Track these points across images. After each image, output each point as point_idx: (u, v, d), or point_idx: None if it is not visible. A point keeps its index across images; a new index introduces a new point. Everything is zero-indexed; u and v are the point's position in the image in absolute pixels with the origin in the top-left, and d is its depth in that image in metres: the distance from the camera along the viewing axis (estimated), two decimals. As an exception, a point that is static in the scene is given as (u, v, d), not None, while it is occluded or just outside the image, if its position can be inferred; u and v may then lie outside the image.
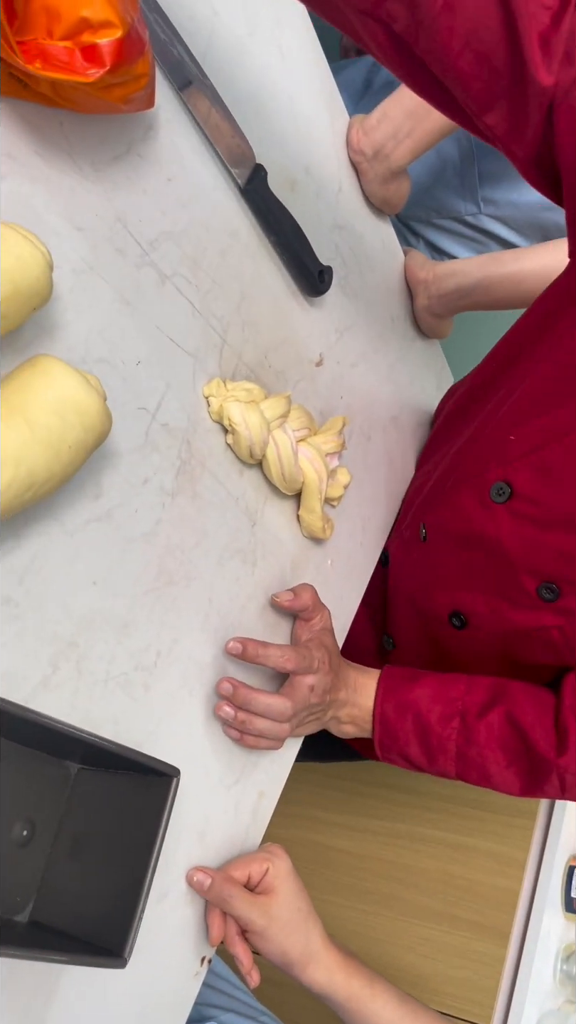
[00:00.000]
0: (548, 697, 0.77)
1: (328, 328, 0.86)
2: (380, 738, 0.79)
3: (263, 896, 0.68)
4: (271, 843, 0.75)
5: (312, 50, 0.81)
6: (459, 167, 1.08)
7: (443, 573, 0.85)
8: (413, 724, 0.78)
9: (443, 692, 0.78)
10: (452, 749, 0.77)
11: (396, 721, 0.78)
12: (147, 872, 0.54)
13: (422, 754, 0.78)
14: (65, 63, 0.49)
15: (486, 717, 0.76)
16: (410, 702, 0.78)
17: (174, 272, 0.66)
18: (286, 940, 0.67)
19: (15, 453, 0.48)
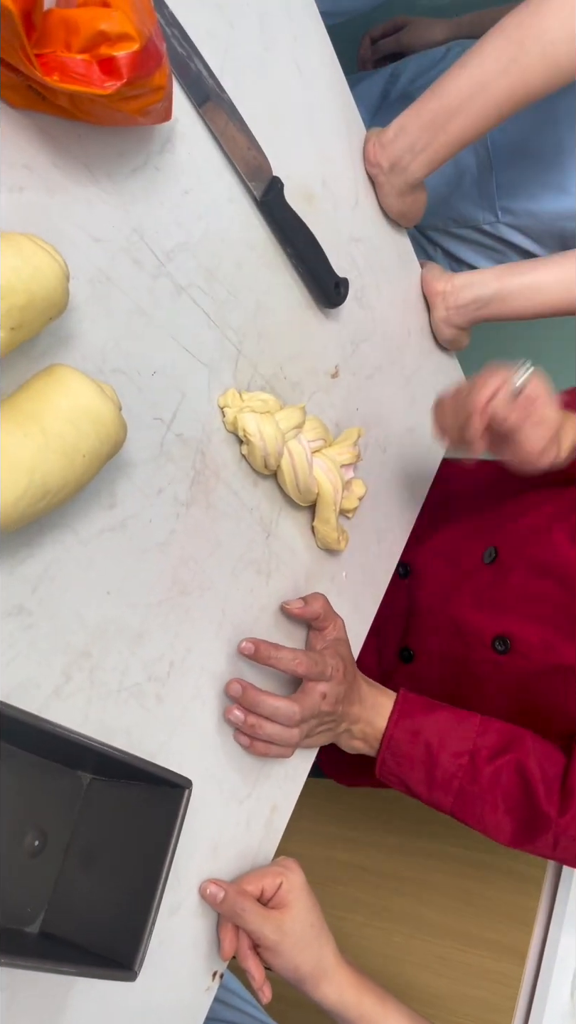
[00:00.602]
0: (559, 756, 0.78)
1: (344, 340, 0.86)
2: (384, 758, 0.78)
3: (276, 911, 0.68)
4: (284, 857, 0.74)
5: (329, 65, 0.81)
6: (477, 177, 1.08)
7: (501, 596, 0.85)
8: (423, 753, 0.77)
9: (457, 727, 0.78)
10: (455, 785, 0.76)
11: (406, 746, 0.77)
12: (158, 884, 0.54)
13: (422, 782, 0.78)
14: (83, 75, 0.50)
15: (496, 761, 0.76)
16: (423, 730, 0.77)
17: (190, 283, 0.66)
18: (299, 956, 0.67)
19: (29, 461, 0.48)
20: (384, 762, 0.78)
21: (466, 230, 1.15)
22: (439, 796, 0.77)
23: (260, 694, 0.69)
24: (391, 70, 1.18)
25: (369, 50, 1.30)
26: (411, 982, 1.38)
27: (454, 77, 0.78)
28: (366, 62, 1.31)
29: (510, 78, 0.76)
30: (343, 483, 0.78)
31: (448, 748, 0.76)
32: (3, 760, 0.54)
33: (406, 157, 0.83)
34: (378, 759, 0.79)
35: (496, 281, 0.92)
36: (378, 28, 1.29)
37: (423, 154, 0.82)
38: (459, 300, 0.96)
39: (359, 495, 0.83)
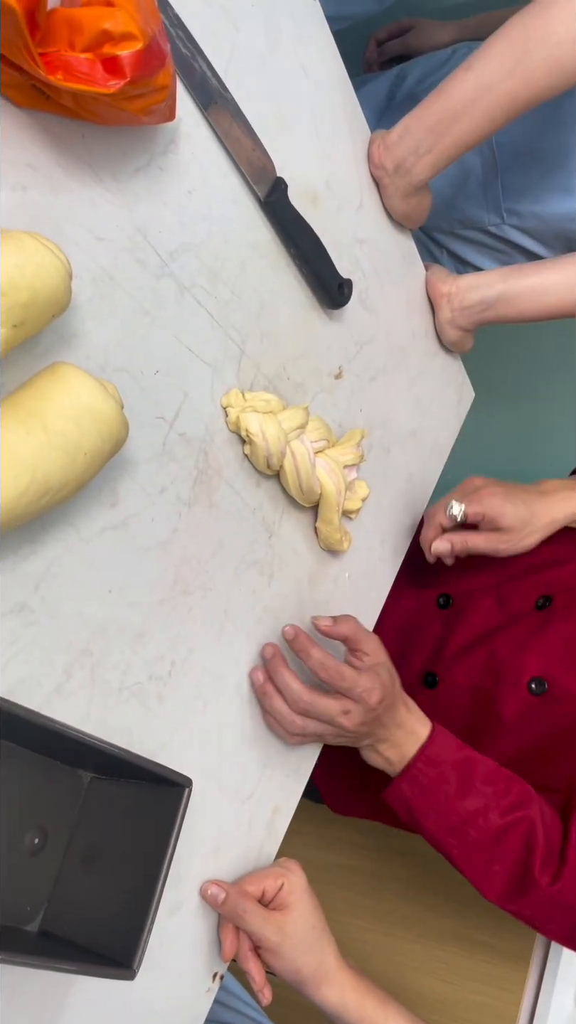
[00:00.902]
0: (558, 823, 0.78)
1: (348, 341, 0.86)
2: (400, 785, 0.76)
3: (278, 912, 0.67)
4: (286, 858, 0.74)
5: (334, 66, 0.81)
6: (482, 179, 1.08)
7: (548, 641, 0.85)
8: (442, 793, 0.75)
9: (482, 777, 0.77)
10: (466, 834, 0.75)
11: (427, 781, 0.75)
12: (158, 883, 0.54)
13: (433, 820, 0.76)
14: (86, 74, 0.50)
15: (507, 817, 0.75)
16: (449, 772, 0.76)
17: (193, 283, 0.66)
18: (300, 958, 0.67)
19: (31, 458, 0.48)
20: (399, 788, 0.76)
21: (471, 232, 1.15)
22: (444, 838, 0.76)
23: (284, 667, 0.71)
24: (397, 72, 1.18)
25: (375, 52, 1.31)
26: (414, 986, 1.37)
27: (459, 79, 0.78)
28: (372, 64, 1.31)
29: (515, 80, 0.76)
30: (346, 484, 0.78)
31: (469, 796, 0.75)
32: (4, 758, 0.54)
33: (410, 159, 0.83)
34: (394, 782, 0.77)
35: (501, 283, 0.92)
36: (384, 30, 1.29)
37: (428, 156, 0.82)
38: (464, 302, 0.96)
39: (362, 496, 0.83)
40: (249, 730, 0.74)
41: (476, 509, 0.82)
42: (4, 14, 0.45)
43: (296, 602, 0.79)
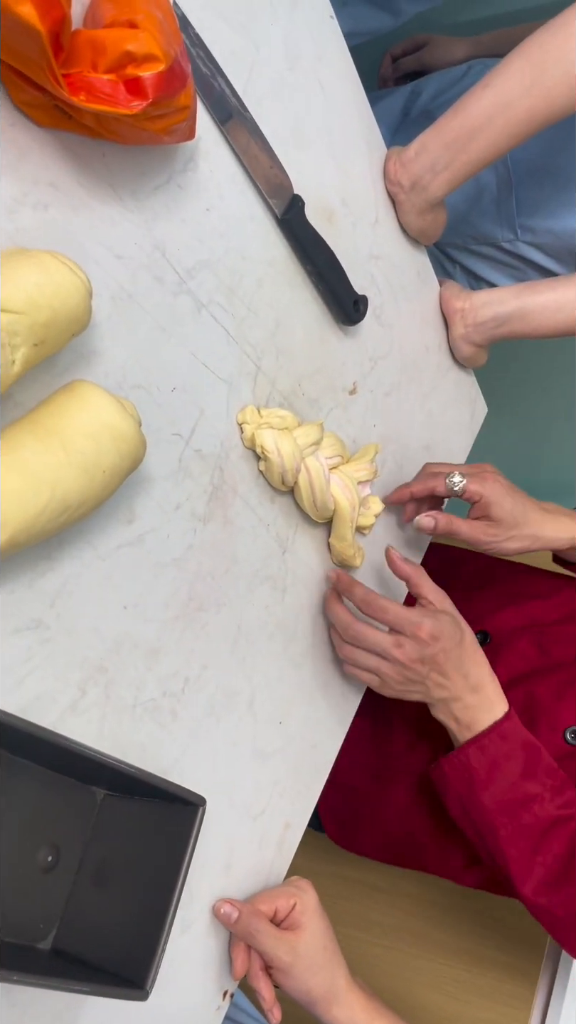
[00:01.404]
0: None
1: (362, 357, 0.86)
2: (468, 748, 0.75)
3: (290, 932, 0.67)
4: (298, 877, 0.74)
5: (351, 84, 0.82)
6: (496, 195, 1.08)
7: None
8: (508, 768, 0.75)
9: (543, 765, 0.76)
10: (516, 810, 0.74)
11: (497, 754, 0.75)
12: (171, 903, 0.54)
13: (486, 788, 0.75)
14: (109, 95, 0.50)
15: (561, 811, 0.75)
16: (518, 751, 0.75)
17: (210, 300, 0.66)
18: (311, 978, 0.66)
19: (50, 476, 0.48)
20: (466, 753, 0.75)
21: (485, 248, 1.15)
22: (496, 815, 0.74)
23: (333, 598, 0.76)
24: (412, 88, 1.18)
25: (390, 68, 1.31)
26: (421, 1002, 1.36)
27: (476, 97, 0.78)
28: (387, 80, 1.32)
29: (532, 98, 0.77)
30: (360, 500, 0.77)
31: (530, 780, 0.75)
32: (19, 775, 0.54)
33: (427, 176, 0.83)
34: (462, 747, 0.76)
35: (515, 299, 0.92)
36: (399, 46, 1.30)
37: (444, 173, 0.82)
38: (478, 318, 0.96)
39: (376, 512, 0.83)
40: (260, 746, 0.74)
41: (477, 488, 0.81)
42: (29, 36, 0.45)
43: (309, 618, 0.79)
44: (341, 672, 0.84)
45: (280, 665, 0.76)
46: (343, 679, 0.84)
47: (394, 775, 0.94)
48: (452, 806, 0.78)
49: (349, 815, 0.99)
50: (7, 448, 0.48)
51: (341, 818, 0.99)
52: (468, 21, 1.39)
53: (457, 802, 0.77)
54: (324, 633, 0.81)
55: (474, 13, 1.37)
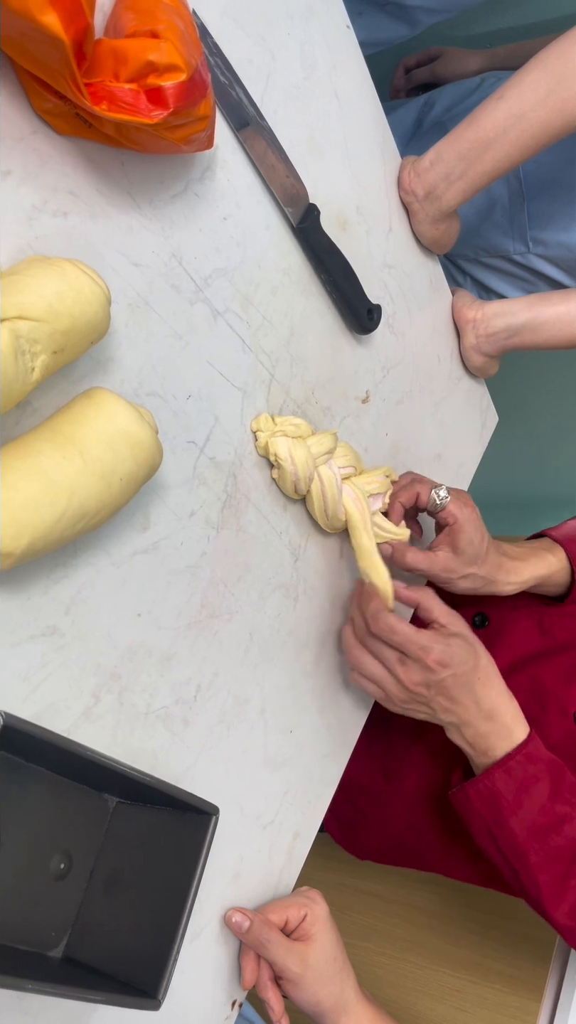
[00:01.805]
0: None
1: (375, 365, 0.86)
2: (494, 772, 0.73)
3: (300, 943, 0.67)
4: (308, 887, 0.73)
5: (367, 93, 0.82)
6: (508, 207, 1.08)
7: None
8: (535, 792, 0.72)
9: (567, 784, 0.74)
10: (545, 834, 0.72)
11: (524, 777, 0.72)
12: (184, 912, 0.53)
13: (515, 813, 0.72)
14: (130, 105, 0.50)
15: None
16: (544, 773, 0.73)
17: (226, 308, 0.67)
18: (321, 990, 0.66)
19: (68, 484, 0.48)
20: (491, 778, 0.72)
21: (496, 260, 1.15)
22: (526, 840, 0.72)
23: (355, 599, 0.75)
24: (425, 99, 1.19)
25: (403, 79, 1.31)
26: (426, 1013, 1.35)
27: (492, 108, 0.79)
28: (399, 91, 1.32)
29: (547, 110, 0.77)
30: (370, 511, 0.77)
31: (558, 801, 0.73)
32: (32, 782, 0.54)
33: (441, 185, 0.83)
34: (487, 772, 0.73)
35: (527, 311, 0.92)
36: (412, 57, 1.30)
37: (458, 183, 0.82)
38: (489, 328, 0.96)
39: (393, 534, 0.81)
40: (271, 755, 0.73)
41: (456, 511, 0.78)
42: (53, 45, 0.45)
43: (320, 627, 0.79)
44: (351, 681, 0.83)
45: (291, 673, 0.75)
46: (354, 689, 0.84)
47: (400, 771, 0.94)
48: (478, 832, 0.75)
49: (353, 815, 0.98)
50: (25, 455, 0.48)
51: (345, 818, 0.99)
52: (481, 33, 1.39)
53: (483, 829, 0.74)
54: (335, 643, 0.81)
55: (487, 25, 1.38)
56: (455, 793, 0.76)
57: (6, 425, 0.51)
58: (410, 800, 0.93)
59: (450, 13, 1.17)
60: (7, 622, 0.51)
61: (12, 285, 0.47)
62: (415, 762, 0.93)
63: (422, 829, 0.92)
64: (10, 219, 0.50)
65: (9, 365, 0.45)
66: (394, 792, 0.95)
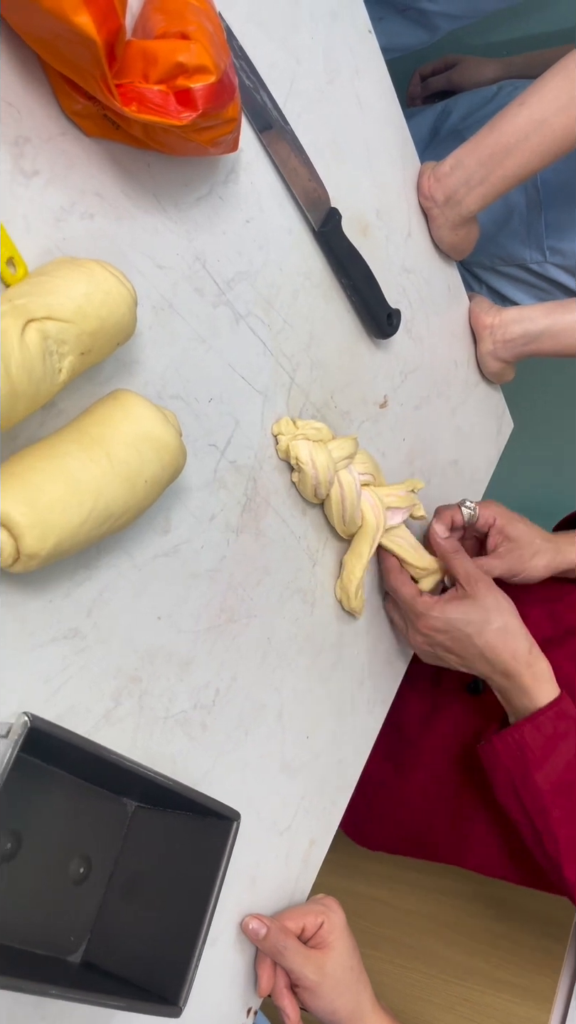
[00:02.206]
0: None
1: (394, 370, 0.86)
2: (523, 725, 0.73)
3: (317, 951, 0.66)
4: (325, 895, 0.73)
5: (388, 98, 0.82)
6: (526, 216, 1.08)
7: None
8: (564, 749, 0.73)
9: None
10: (570, 791, 0.72)
11: (554, 732, 0.73)
12: (204, 918, 0.53)
13: (541, 767, 0.72)
14: (159, 106, 0.50)
15: None
16: (573, 731, 0.74)
17: (248, 312, 0.66)
18: (337, 998, 0.65)
19: (94, 486, 0.48)
20: (520, 731, 0.73)
21: (513, 268, 1.15)
22: (550, 795, 0.72)
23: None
24: (442, 107, 1.19)
25: (419, 87, 1.31)
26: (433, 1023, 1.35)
27: (513, 114, 0.79)
28: (415, 98, 1.32)
29: (569, 116, 0.77)
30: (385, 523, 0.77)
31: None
32: (53, 784, 0.53)
33: (461, 191, 0.83)
34: (516, 725, 0.74)
35: (545, 318, 0.92)
36: (428, 65, 1.30)
37: (478, 189, 0.82)
38: (507, 335, 0.95)
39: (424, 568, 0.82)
40: (288, 760, 0.73)
41: (488, 512, 0.83)
42: (85, 46, 0.45)
43: (337, 632, 0.79)
44: (367, 687, 0.83)
45: (308, 678, 0.75)
46: (369, 693, 0.84)
47: (410, 759, 0.94)
48: (501, 784, 0.76)
49: (363, 805, 0.98)
50: (52, 456, 0.48)
51: (355, 809, 0.98)
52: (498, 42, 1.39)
53: (507, 781, 0.75)
54: (352, 647, 0.81)
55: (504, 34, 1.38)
56: (483, 746, 0.77)
57: (32, 426, 0.50)
58: (422, 788, 0.93)
59: (470, 19, 1.17)
60: (30, 624, 0.51)
61: (41, 286, 0.47)
62: (427, 750, 0.93)
63: (432, 818, 0.92)
64: (38, 220, 0.50)
65: (37, 366, 0.45)
66: (405, 780, 0.94)
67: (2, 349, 0.43)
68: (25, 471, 0.47)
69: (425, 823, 0.93)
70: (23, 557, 0.46)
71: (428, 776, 0.92)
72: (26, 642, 0.51)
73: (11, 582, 0.50)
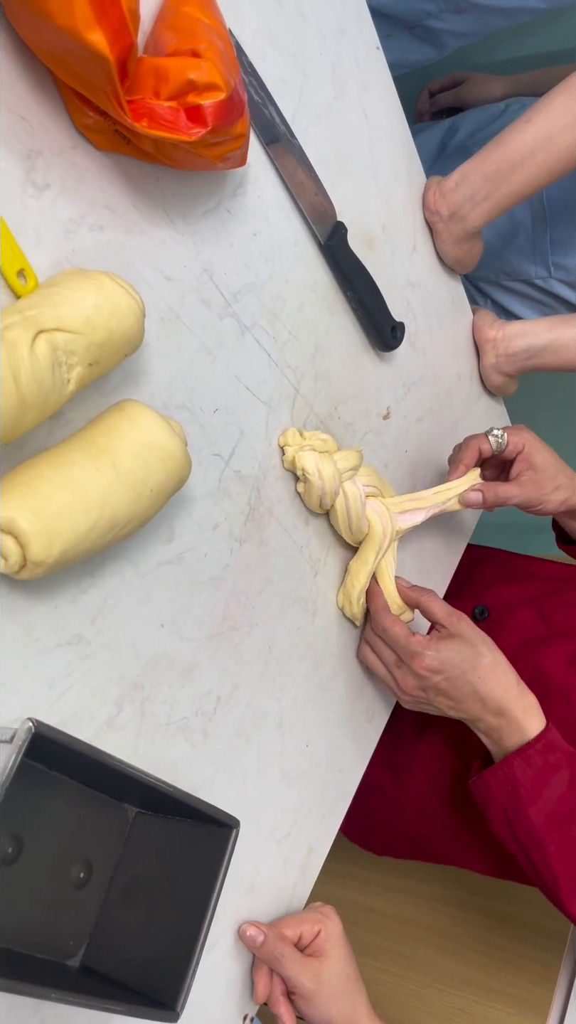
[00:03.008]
0: None
1: (397, 382, 0.86)
2: (512, 759, 0.73)
3: (314, 959, 0.67)
4: (322, 903, 0.73)
5: (395, 114, 0.83)
6: (531, 231, 1.09)
7: None
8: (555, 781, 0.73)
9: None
10: (564, 823, 0.72)
11: (544, 765, 0.73)
12: (203, 924, 0.53)
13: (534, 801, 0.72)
14: (170, 122, 0.51)
15: None
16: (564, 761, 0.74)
17: (254, 323, 0.67)
18: (333, 1006, 0.66)
19: (101, 494, 0.49)
20: (510, 766, 0.73)
21: (517, 283, 1.16)
22: (545, 829, 0.72)
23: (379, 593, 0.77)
24: (449, 124, 1.20)
25: (427, 103, 1.33)
26: (429, 1034, 1.35)
27: (519, 131, 0.79)
28: (423, 114, 1.33)
29: (574, 134, 0.78)
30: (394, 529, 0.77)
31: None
32: (55, 789, 0.54)
33: (466, 206, 0.84)
34: (506, 759, 0.74)
35: (548, 332, 0.93)
36: (437, 82, 1.31)
37: (483, 204, 0.83)
38: (510, 348, 0.96)
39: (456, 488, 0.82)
40: (288, 769, 0.74)
41: (518, 439, 0.83)
42: (98, 63, 0.46)
43: (338, 641, 0.79)
44: (367, 695, 0.84)
45: (309, 687, 0.76)
46: (369, 702, 0.84)
47: (407, 765, 0.94)
48: (495, 820, 0.75)
49: (364, 812, 0.98)
50: (59, 465, 0.48)
51: (356, 816, 0.99)
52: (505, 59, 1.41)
53: (501, 817, 0.74)
54: (352, 657, 0.81)
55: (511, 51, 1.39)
56: (474, 782, 0.76)
57: (40, 436, 0.51)
58: (419, 793, 0.93)
59: (477, 36, 1.19)
60: (35, 630, 0.51)
61: (50, 297, 0.48)
62: (423, 755, 0.93)
63: (433, 821, 0.93)
64: (48, 232, 0.51)
65: (46, 376, 0.46)
66: (402, 786, 0.95)
67: (12, 360, 0.43)
68: (32, 480, 0.47)
69: (426, 827, 0.94)
70: (29, 564, 0.46)
71: (425, 781, 0.92)
72: (31, 647, 0.51)
73: (17, 588, 0.50)
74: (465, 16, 1.12)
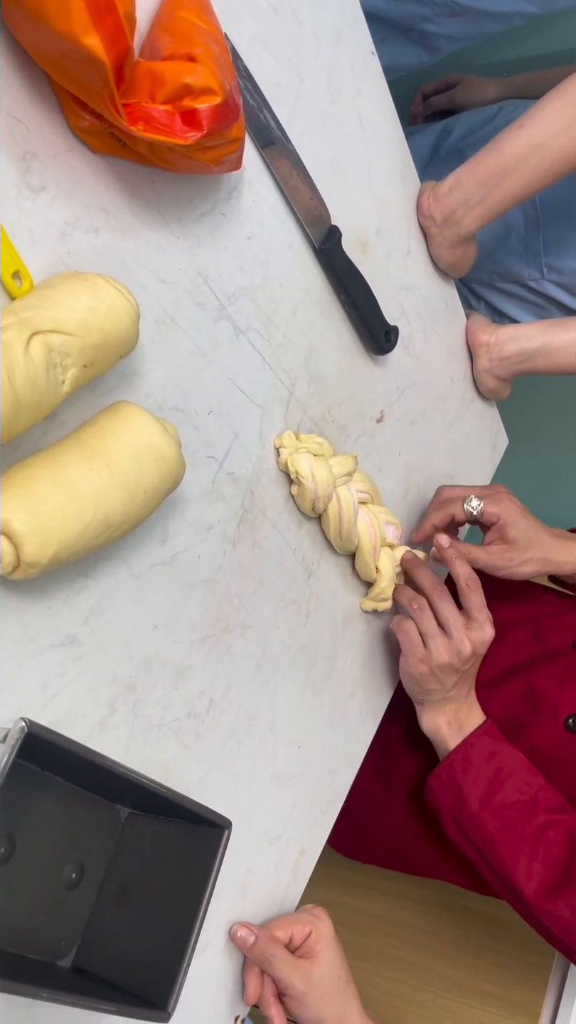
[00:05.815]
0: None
1: (390, 386, 0.87)
2: (453, 760, 0.78)
3: (305, 960, 0.67)
4: (314, 905, 0.73)
5: (389, 118, 0.83)
6: (524, 234, 1.10)
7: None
8: (491, 772, 0.77)
9: (528, 771, 0.79)
10: (508, 815, 0.75)
11: (477, 758, 0.78)
12: (194, 925, 0.54)
13: (478, 798, 0.77)
14: (165, 126, 0.51)
15: (551, 815, 0.76)
16: (499, 754, 0.79)
17: (248, 326, 0.67)
18: (324, 1008, 0.66)
19: (95, 496, 0.49)
20: (452, 764, 0.78)
21: (511, 285, 1.16)
22: (487, 818, 0.76)
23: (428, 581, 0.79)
24: (443, 126, 1.20)
25: (420, 106, 1.33)
26: (420, 1037, 1.35)
27: (512, 135, 0.80)
28: (416, 117, 1.34)
29: (568, 139, 0.78)
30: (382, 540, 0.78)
31: (515, 780, 0.77)
32: (48, 790, 0.54)
33: (460, 211, 0.84)
34: (446, 759, 0.79)
35: (541, 336, 0.93)
36: (430, 84, 1.32)
37: (477, 209, 0.83)
38: (503, 352, 0.97)
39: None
40: (279, 770, 0.74)
41: (495, 510, 0.82)
42: (94, 66, 0.46)
43: (331, 644, 0.79)
44: (359, 698, 0.84)
45: (301, 689, 0.76)
46: (361, 705, 0.84)
47: (395, 774, 0.95)
48: (447, 824, 0.79)
49: (351, 819, 0.98)
50: (53, 466, 0.49)
51: (342, 823, 0.99)
52: (499, 62, 1.41)
53: (451, 818, 0.78)
54: (345, 659, 0.81)
55: (505, 54, 1.40)
56: (425, 792, 0.81)
57: (34, 437, 0.51)
58: (404, 802, 0.94)
59: (472, 40, 1.19)
60: (29, 630, 0.52)
61: (46, 299, 0.48)
62: (409, 766, 0.93)
63: (416, 832, 0.93)
64: (44, 234, 0.51)
65: (41, 378, 0.46)
66: (389, 796, 0.95)
67: (7, 361, 0.44)
68: (27, 480, 0.47)
69: (409, 837, 0.94)
70: (23, 565, 0.47)
71: (410, 791, 0.93)
72: (25, 648, 0.51)
73: (11, 589, 0.50)
74: (459, 20, 1.13)
